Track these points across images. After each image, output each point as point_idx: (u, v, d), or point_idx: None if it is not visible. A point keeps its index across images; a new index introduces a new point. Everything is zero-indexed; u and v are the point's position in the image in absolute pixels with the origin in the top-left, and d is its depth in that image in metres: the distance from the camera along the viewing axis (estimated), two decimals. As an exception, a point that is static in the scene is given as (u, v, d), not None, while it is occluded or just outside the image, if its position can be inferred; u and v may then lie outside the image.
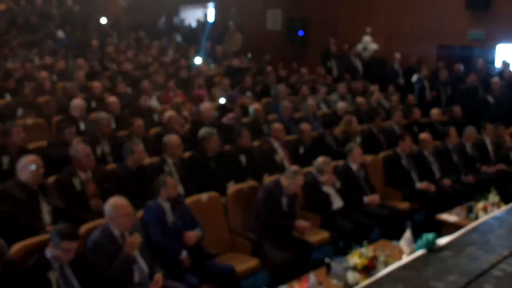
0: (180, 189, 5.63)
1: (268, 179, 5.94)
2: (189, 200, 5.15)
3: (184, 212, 4.76)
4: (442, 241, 4.08)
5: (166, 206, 4.64)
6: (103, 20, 16.31)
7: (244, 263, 4.87)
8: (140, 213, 4.68)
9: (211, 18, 17.00)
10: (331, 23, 13.41)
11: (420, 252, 3.93)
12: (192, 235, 4.59)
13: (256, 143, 7.03)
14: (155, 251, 4.39)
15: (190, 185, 5.82)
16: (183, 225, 4.63)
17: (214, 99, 9.35)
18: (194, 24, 16.93)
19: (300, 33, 14.30)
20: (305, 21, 14.15)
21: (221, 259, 4.89)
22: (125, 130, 6.87)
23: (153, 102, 8.84)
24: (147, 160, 5.99)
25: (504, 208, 5.11)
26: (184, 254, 4.49)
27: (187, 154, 6.29)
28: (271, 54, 13.46)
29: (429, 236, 4.01)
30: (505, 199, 5.79)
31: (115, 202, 4.17)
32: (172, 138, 5.92)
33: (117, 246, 4.06)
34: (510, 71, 10.43)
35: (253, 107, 8.15)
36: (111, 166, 5.83)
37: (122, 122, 7.37)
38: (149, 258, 4.27)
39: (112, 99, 7.78)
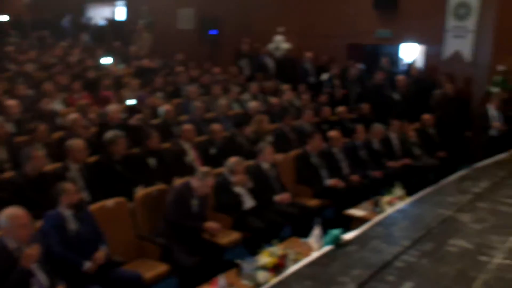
0: (86, 196, 5.44)
1: (178, 182, 5.87)
2: (94, 207, 4.98)
3: (88, 220, 4.59)
4: (348, 236, 4.20)
5: (68, 214, 4.45)
6: (3, 18, 15.49)
7: (152, 270, 4.78)
8: (39, 223, 4.46)
9: (120, 16, 16.59)
10: (244, 22, 13.47)
11: (327, 248, 4.03)
12: (100, 256, 4.42)
13: (166, 145, 6.92)
14: (56, 262, 4.20)
15: (96, 191, 5.63)
16: (87, 233, 4.46)
17: (122, 100, 9.12)
18: (102, 22, 16.45)
19: (213, 32, 14.27)
20: (218, 20, 14.14)
21: (129, 266, 4.77)
22: (27, 135, 6.55)
23: (57, 105, 8.50)
24: (49, 167, 5.72)
25: (407, 201, 5.37)
26: (88, 264, 4.33)
27: (93, 159, 6.09)
28: (183, 54, 13.33)
29: (335, 232, 4.12)
30: (409, 192, 6.04)
31: (11, 213, 3.96)
32: (76, 142, 5.71)
33: (12, 260, 3.84)
34: (416, 69, 10.96)
35: (163, 108, 8.03)
36: (9, 174, 5.52)
37: (23, 127, 7.03)
38: (49, 270, 4.07)
39: (11, 102, 7.39)
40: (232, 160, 5.97)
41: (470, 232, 4.17)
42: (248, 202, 5.94)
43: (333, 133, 7.54)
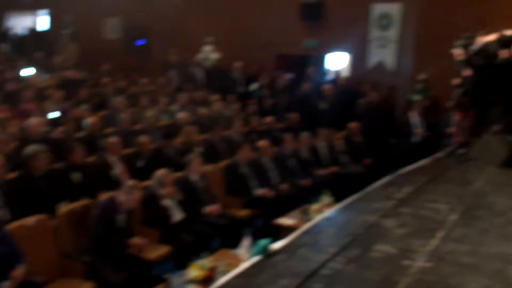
0: (5, 214, 5.18)
1: (104, 196, 5.71)
2: (13, 226, 4.75)
3: (6, 239, 4.37)
4: (277, 245, 4.23)
5: (-17, 234, 4.23)
6: None
7: (77, 289, 4.62)
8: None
9: (43, 26, 16.06)
10: (173, 32, 13.39)
11: (256, 259, 4.04)
12: (17, 274, 4.21)
13: (91, 158, 6.73)
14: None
15: (16, 208, 5.37)
16: (3, 253, 4.24)
17: (45, 113, 8.79)
18: (23, 32, 15.84)
19: (140, 42, 14.08)
20: (146, 30, 13.97)
21: (51, 286, 4.58)
22: None
23: (-26, 120, 8.06)
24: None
25: (334, 208, 5.48)
26: (5, 285, 4.12)
27: (13, 175, 5.82)
28: (110, 64, 13.06)
29: (263, 242, 4.14)
30: (337, 200, 6.16)
31: None
32: (-7, 159, 5.43)
33: None
34: (342, 78, 11.24)
35: (88, 120, 7.81)
36: None
37: None
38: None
39: None
40: (160, 172, 5.89)
41: (394, 237, 4.30)
42: (177, 215, 5.87)
43: (262, 143, 7.60)
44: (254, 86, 11.53)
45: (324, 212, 5.61)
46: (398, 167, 7.36)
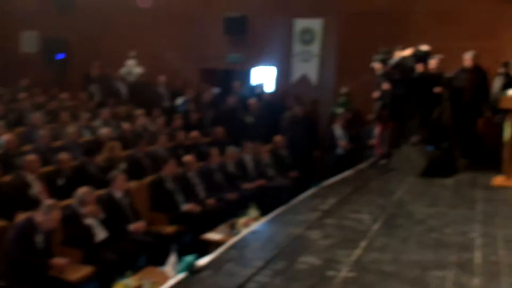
0: None
1: (21, 217, 5.46)
2: None
3: None
4: (203, 261, 4.20)
5: None
6: None
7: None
8: None
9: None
10: (94, 45, 13.07)
11: (182, 275, 3.99)
12: None
13: (7, 177, 6.43)
14: None
15: None
16: None
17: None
18: None
19: (60, 56, 13.64)
20: (65, 43, 13.55)
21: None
22: None
23: None
24: None
25: (260, 221, 5.52)
26: None
27: None
28: (28, 79, 12.57)
29: (189, 258, 4.10)
30: (265, 213, 6.20)
31: None
32: None
33: None
34: (267, 92, 11.38)
35: (3, 138, 7.46)
36: None
37: None
38: None
39: None
40: (82, 190, 5.71)
41: (318, 249, 4.39)
42: (100, 234, 5.70)
43: (188, 158, 7.55)
44: (179, 101, 11.45)
45: (251, 225, 5.64)
46: (323, 179, 7.54)
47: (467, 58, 8.34)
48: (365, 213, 5.49)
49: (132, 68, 12.34)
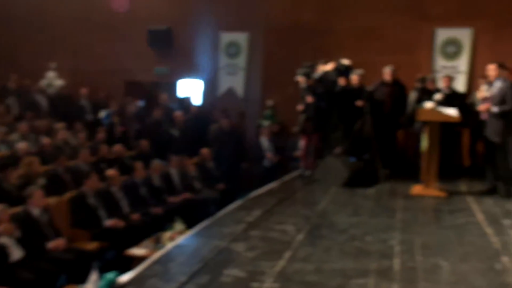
0: None
1: None
2: None
3: None
4: (125, 277, 4.10)
5: None
6: None
7: None
8: None
9: None
10: (11, 57, 12.57)
11: (103, 293, 3.88)
12: None
13: None
14: None
15: None
16: None
17: None
18: None
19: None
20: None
21: None
22: None
23: None
24: None
25: (185, 235, 5.47)
26: None
27: None
28: None
29: (110, 275, 4.00)
30: (190, 226, 6.15)
31: None
32: None
33: None
34: (193, 104, 11.34)
35: None
36: None
37: None
38: None
39: None
40: (-5, 208, 5.43)
41: (243, 261, 4.39)
42: (16, 253, 5.43)
43: (111, 172, 7.37)
44: (103, 113, 11.20)
45: (176, 239, 5.57)
46: (250, 191, 7.58)
47: (386, 72, 8.66)
48: (290, 224, 5.55)
49: (53, 80, 11.98)
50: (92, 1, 12.37)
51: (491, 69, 7.16)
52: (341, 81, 8.51)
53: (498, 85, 7.01)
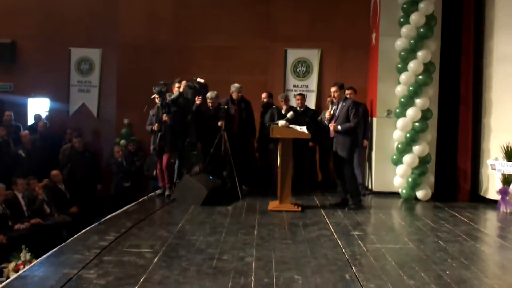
0: None
1: None
2: None
3: None
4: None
5: None
6: None
7: None
8: None
9: None
10: None
11: None
12: None
13: None
14: None
15: None
16: None
17: None
18: None
19: None
20: None
21: None
22: None
23: None
24: None
25: (31, 264, 5.05)
26: None
27: None
28: None
29: None
30: (39, 254, 5.70)
31: None
32: None
33: None
34: (42, 123, 10.68)
35: None
36: None
37: None
38: None
39: None
40: None
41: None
42: None
43: None
44: None
45: (22, 270, 5.14)
46: (106, 213, 7.27)
47: (233, 91, 8.87)
48: (146, 246, 5.38)
49: None
50: None
51: (333, 91, 7.69)
52: (197, 100, 8.52)
53: (341, 104, 7.59)
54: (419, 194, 8.53)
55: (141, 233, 5.98)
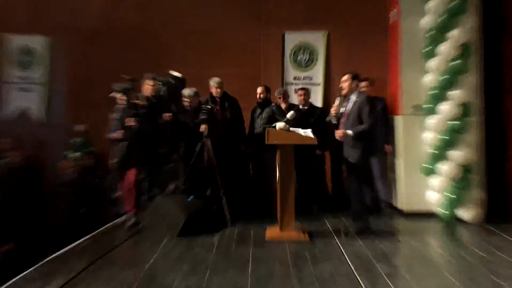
0: None
1: None
2: None
3: None
4: None
5: None
6: None
7: None
8: None
9: None
10: None
11: None
12: None
13: None
14: None
15: None
16: None
17: None
18: None
19: None
20: None
21: None
22: None
23: None
24: None
25: None
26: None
27: None
28: None
29: None
30: None
31: None
32: None
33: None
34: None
35: None
36: None
37: None
38: None
39: None
40: None
41: None
42: None
43: None
44: None
45: None
46: (51, 250, 6.94)
47: (213, 85, 8.75)
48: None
49: None
50: None
51: (343, 80, 7.51)
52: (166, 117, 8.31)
53: (353, 99, 7.40)
54: (463, 214, 8.18)
55: (98, 276, 5.68)
